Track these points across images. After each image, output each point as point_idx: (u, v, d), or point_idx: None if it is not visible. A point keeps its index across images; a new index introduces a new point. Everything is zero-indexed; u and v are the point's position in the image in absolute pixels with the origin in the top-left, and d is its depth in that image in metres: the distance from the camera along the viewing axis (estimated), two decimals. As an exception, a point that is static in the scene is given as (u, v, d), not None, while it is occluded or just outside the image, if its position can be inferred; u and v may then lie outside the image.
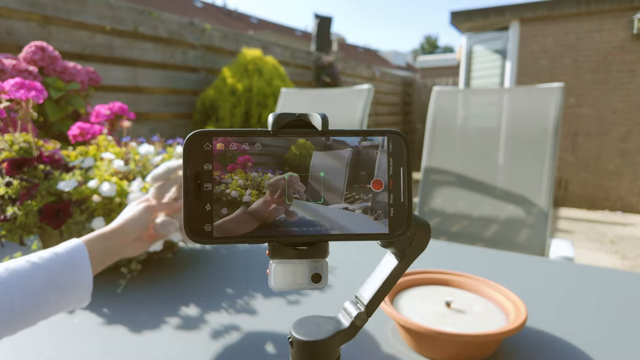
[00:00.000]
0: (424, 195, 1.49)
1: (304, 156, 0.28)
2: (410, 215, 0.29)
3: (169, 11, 8.86)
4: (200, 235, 0.26)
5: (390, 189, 0.29)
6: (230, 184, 0.27)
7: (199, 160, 0.27)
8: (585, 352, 0.52)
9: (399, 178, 0.29)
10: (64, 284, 0.49)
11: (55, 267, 0.49)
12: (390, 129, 0.29)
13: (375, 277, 0.34)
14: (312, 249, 0.29)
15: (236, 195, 0.27)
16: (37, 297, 0.46)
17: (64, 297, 0.50)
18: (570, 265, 0.86)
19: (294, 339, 0.30)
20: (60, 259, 0.50)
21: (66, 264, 0.50)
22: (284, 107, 1.90)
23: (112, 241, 0.58)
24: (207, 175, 0.27)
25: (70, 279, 0.50)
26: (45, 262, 0.49)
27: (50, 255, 0.50)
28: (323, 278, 0.29)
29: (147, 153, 0.83)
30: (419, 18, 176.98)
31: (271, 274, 0.29)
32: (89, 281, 0.52)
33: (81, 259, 0.52)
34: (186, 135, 0.27)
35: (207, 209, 0.27)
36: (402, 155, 0.29)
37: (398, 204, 0.29)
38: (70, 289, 0.50)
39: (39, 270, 0.48)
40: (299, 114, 0.28)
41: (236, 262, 0.83)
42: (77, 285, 0.51)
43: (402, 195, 0.29)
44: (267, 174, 0.28)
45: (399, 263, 0.33)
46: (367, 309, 0.32)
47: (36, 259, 0.49)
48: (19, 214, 0.65)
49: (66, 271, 0.50)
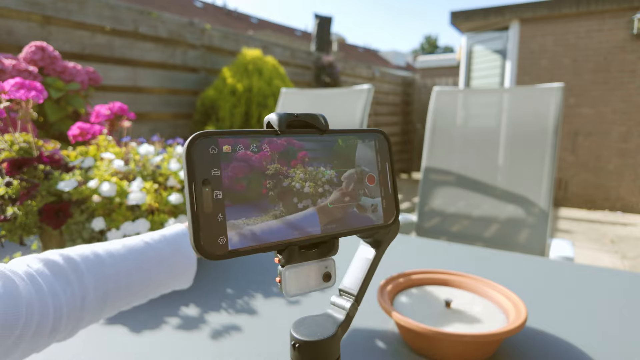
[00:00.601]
0: (424, 195, 1.49)
1: (351, 148, 0.30)
2: (398, 205, 0.32)
3: (169, 11, 8.83)
4: (215, 250, 0.23)
5: (381, 183, 0.31)
6: (294, 177, 0.27)
7: (205, 165, 0.24)
8: (585, 352, 0.52)
9: (385, 172, 0.31)
10: (174, 265, 0.53)
11: (165, 248, 0.52)
12: (375, 128, 0.32)
13: (357, 268, 0.35)
14: (324, 248, 0.29)
15: (300, 187, 0.27)
16: (149, 273, 0.50)
17: (172, 277, 0.53)
18: (570, 265, 0.86)
19: (300, 342, 0.29)
20: (169, 241, 0.53)
21: (174, 246, 0.53)
22: (284, 107, 1.90)
23: None
24: (217, 182, 0.24)
25: (177, 261, 0.53)
26: (156, 243, 0.52)
27: (159, 237, 0.53)
28: (333, 276, 0.30)
29: (147, 153, 0.83)
30: (419, 18, 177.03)
31: (285, 282, 0.28)
32: (193, 264, 0.55)
33: (186, 243, 0.55)
34: (186, 136, 0.26)
35: (220, 219, 0.24)
36: (386, 152, 0.32)
37: (388, 196, 0.31)
38: (177, 269, 0.53)
39: (151, 249, 0.51)
40: (298, 114, 0.28)
41: (236, 262, 0.83)
42: (183, 267, 0.54)
43: (390, 187, 0.31)
44: (320, 168, 0.28)
45: (377, 251, 0.35)
46: (357, 298, 0.33)
47: (148, 239, 0.52)
48: (19, 214, 0.65)
49: (174, 253, 0.53)
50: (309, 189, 0.27)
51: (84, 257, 0.45)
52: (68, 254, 0.44)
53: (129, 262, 0.48)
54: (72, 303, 0.41)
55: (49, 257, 0.42)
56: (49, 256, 0.43)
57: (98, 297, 0.44)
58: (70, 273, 0.42)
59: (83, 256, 0.45)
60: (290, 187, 0.27)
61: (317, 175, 0.28)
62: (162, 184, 0.81)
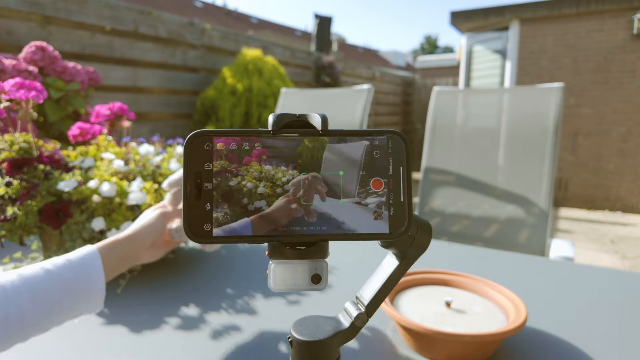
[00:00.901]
0: (424, 195, 1.49)
1: (317, 149, 0.28)
2: (411, 215, 0.29)
3: (169, 11, 8.85)
4: (200, 235, 0.26)
5: (390, 189, 0.29)
6: (245, 176, 0.27)
7: (199, 160, 0.27)
8: (585, 352, 0.52)
9: (398, 178, 0.29)
10: (76, 291, 0.50)
11: (68, 274, 0.50)
12: (390, 129, 0.30)
13: (376, 278, 0.34)
14: (312, 249, 0.29)
15: (252, 187, 0.27)
16: (48, 303, 0.47)
17: (76, 304, 0.50)
18: (570, 265, 0.86)
19: (294, 339, 0.30)
20: (73, 266, 0.51)
21: (79, 270, 0.51)
22: (284, 107, 1.90)
23: (127, 248, 0.58)
24: (208, 175, 0.27)
25: (82, 286, 0.50)
26: (58, 269, 0.49)
27: (63, 262, 0.50)
28: (323, 279, 0.29)
29: (147, 153, 0.83)
30: (419, 18, 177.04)
31: (270, 275, 0.28)
32: (101, 288, 0.52)
33: (94, 265, 0.52)
34: (186, 136, 0.27)
35: (207, 208, 0.27)
36: (401, 155, 0.29)
37: (398, 204, 0.28)
38: (83, 295, 0.50)
39: (52, 276, 0.48)
40: (299, 115, 0.28)
41: (236, 262, 0.83)
42: (89, 292, 0.51)
43: (402, 194, 0.29)
44: (281, 167, 0.28)
45: (399, 264, 0.33)
46: (368, 309, 0.32)
47: (50, 265, 0.49)
48: (19, 214, 0.65)
49: (79, 278, 0.50)
50: (263, 189, 0.27)
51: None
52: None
53: (23, 293, 0.45)
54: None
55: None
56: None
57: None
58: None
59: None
60: (239, 186, 0.28)
61: (276, 174, 0.28)
62: (162, 184, 0.81)
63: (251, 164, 0.28)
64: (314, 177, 0.28)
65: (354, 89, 1.77)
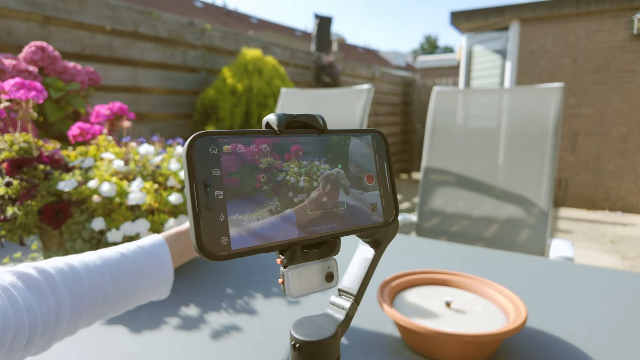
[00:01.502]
0: (424, 195, 1.49)
1: (346, 144, 0.30)
2: (397, 204, 0.32)
3: (169, 11, 8.85)
4: (218, 251, 0.23)
5: (380, 182, 0.31)
6: (288, 171, 0.27)
7: (205, 165, 0.24)
8: (586, 353, 0.52)
9: (384, 172, 0.32)
10: (149, 275, 0.52)
11: (141, 259, 0.52)
12: (372, 128, 0.33)
13: (357, 268, 0.35)
14: (327, 248, 0.29)
15: (295, 182, 0.27)
16: (125, 284, 0.49)
17: (149, 288, 0.52)
18: (570, 266, 0.86)
19: (301, 342, 0.29)
20: (145, 252, 0.53)
21: (150, 257, 0.53)
22: (284, 107, 1.90)
23: (189, 239, 0.60)
24: (217, 182, 0.24)
25: (153, 271, 0.53)
26: (132, 253, 0.52)
27: (135, 247, 0.53)
28: (335, 276, 0.30)
29: (147, 153, 0.83)
30: (419, 18, 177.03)
31: (288, 283, 0.27)
32: (170, 274, 0.55)
33: (163, 253, 0.55)
34: (186, 136, 0.26)
35: (222, 219, 0.23)
36: (383, 151, 0.32)
37: (387, 195, 0.32)
38: (154, 280, 0.53)
39: (128, 260, 0.51)
40: (296, 115, 0.29)
41: (236, 262, 0.83)
42: (160, 277, 0.53)
43: (389, 186, 0.32)
44: (314, 161, 0.28)
45: (377, 251, 0.35)
46: (357, 298, 0.33)
47: (124, 250, 0.52)
48: (19, 214, 0.65)
49: (150, 264, 0.53)
50: (304, 183, 0.27)
51: (58, 269, 0.44)
52: (42, 266, 0.44)
53: (105, 274, 0.47)
54: (47, 316, 0.40)
55: (22, 270, 0.42)
56: (23, 269, 0.42)
57: (74, 310, 0.43)
58: (45, 286, 0.42)
59: (58, 269, 0.44)
60: (284, 181, 0.27)
61: (312, 169, 0.28)
62: (162, 184, 0.81)
63: (290, 161, 0.27)
64: (337, 172, 0.29)
65: (353, 89, 1.77)
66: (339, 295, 0.34)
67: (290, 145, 0.27)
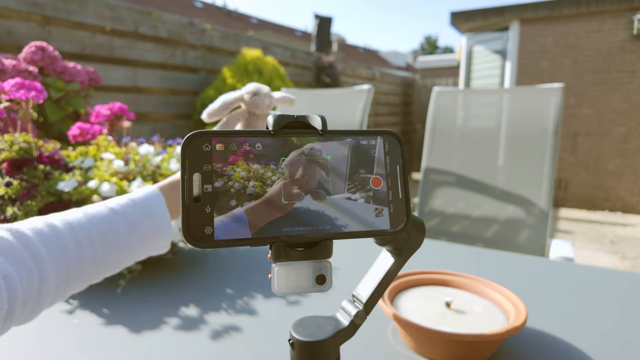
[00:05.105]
0: (424, 195, 1.49)
1: (347, 144, 0.29)
2: (409, 211, 0.29)
3: (169, 11, 8.86)
4: (202, 240, 0.25)
5: (389, 187, 0.29)
6: (232, 175, 0.26)
7: (198, 161, 0.26)
8: (585, 353, 0.52)
9: (396, 176, 0.30)
10: (143, 230, 0.48)
11: (134, 213, 0.48)
12: (385, 129, 0.31)
13: (372, 275, 0.34)
14: (316, 249, 0.28)
15: (239, 188, 0.26)
16: (118, 243, 0.45)
17: (145, 243, 0.49)
18: (570, 266, 0.86)
19: (295, 341, 0.30)
20: (137, 205, 0.49)
21: (144, 209, 0.49)
22: (284, 107, 1.90)
23: None
24: (207, 176, 0.26)
25: (148, 225, 0.49)
26: (123, 208, 0.48)
27: (126, 201, 0.49)
28: (328, 279, 0.29)
29: (147, 153, 0.83)
30: (419, 18, 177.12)
31: (274, 278, 0.28)
32: (168, 227, 0.51)
33: (158, 205, 0.50)
34: (186, 136, 0.27)
35: (207, 211, 0.26)
36: (397, 154, 0.30)
37: (397, 201, 0.29)
38: (151, 235, 0.49)
39: (117, 215, 0.47)
40: (297, 116, 0.28)
41: (236, 262, 0.83)
42: (157, 231, 0.50)
43: (400, 192, 0.30)
44: (270, 165, 0.27)
45: (395, 261, 0.33)
46: (366, 307, 0.32)
47: (114, 204, 0.47)
48: (19, 214, 0.65)
49: (144, 217, 0.49)
50: (253, 189, 0.27)
51: (37, 231, 0.39)
52: (18, 228, 0.39)
53: (92, 233, 0.43)
54: (28, 285, 0.36)
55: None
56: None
57: (60, 276, 0.39)
58: (23, 251, 0.37)
59: (36, 230, 0.39)
60: (265, 177, 0.27)
61: (265, 173, 0.27)
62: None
63: (239, 163, 0.27)
64: (310, 149, 0.28)
65: (354, 89, 1.77)
66: (352, 301, 0.34)
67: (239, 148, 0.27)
